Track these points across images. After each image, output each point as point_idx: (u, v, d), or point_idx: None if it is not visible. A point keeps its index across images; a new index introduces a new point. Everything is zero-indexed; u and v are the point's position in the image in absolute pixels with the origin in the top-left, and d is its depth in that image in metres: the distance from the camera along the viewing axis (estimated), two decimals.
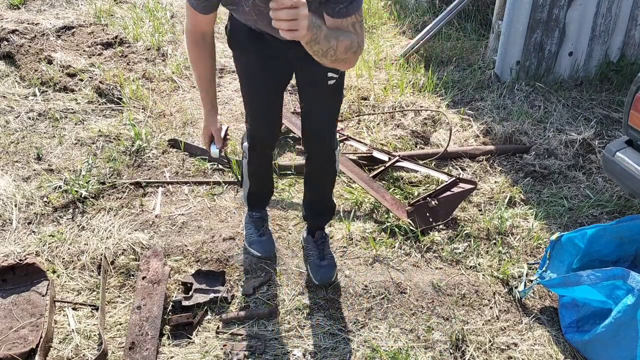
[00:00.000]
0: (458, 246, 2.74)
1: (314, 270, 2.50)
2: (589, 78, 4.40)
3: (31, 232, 2.69)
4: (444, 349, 2.22)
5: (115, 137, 3.43)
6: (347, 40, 1.75)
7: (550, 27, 4.17)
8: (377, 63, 4.64)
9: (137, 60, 4.39)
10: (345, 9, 1.73)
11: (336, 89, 2.21)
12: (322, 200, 2.59)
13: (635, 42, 4.44)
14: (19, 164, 3.16)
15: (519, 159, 3.46)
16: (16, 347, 2.06)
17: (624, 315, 2.00)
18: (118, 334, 2.21)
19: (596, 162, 3.41)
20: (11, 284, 2.30)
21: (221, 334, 2.22)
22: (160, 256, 2.48)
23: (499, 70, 4.27)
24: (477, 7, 5.23)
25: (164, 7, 5.46)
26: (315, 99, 2.26)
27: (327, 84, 2.14)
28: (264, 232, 2.64)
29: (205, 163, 3.24)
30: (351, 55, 1.77)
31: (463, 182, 3.01)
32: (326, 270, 2.49)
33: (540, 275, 2.41)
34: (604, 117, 3.93)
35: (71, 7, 5.34)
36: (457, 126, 3.78)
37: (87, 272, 2.48)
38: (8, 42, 4.32)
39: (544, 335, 2.31)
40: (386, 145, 3.51)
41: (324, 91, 2.19)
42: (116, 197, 2.96)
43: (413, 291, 2.48)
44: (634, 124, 2.51)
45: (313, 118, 2.32)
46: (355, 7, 1.74)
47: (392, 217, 2.85)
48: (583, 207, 3.05)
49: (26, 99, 3.77)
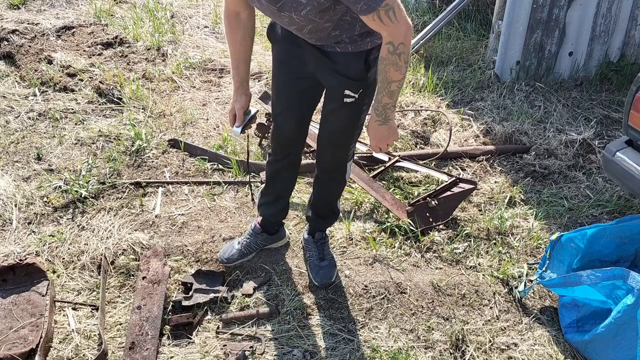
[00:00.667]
0: (458, 246, 2.74)
1: (313, 270, 2.49)
2: (589, 78, 4.40)
3: (31, 232, 2.69)
4: (444, 349, 2.22)
5: (115, 137, 3.43)
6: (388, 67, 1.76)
7: (551, 27, 4.17)
8: None
9: (137, 60, 4.39)
10: (367, 6, 1.65)
11: (355, 109, 2.10)
12: (328, 205, 2.54)
13: (635, 42, 4.44)
14: (19, 164, 3.16)
15: (519, 159, 3.46)
16: (16, 347, 2.06)
17: (624, 315, 2.00)
18: (118, 334, 2.21)
19: (596, 162, 3.41)
20: (11, 284, 2.30)
21: (221, 334, 2.22)
22: (160, 256, 2.48)
23: (499, 70, 4.27)
24: (477, 7, 5.23)
25: (164, 7, 5.46)
26: (331, 110, 2.17)
27: (343, 100, 2.06)
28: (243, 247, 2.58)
29: (205, 163, 3.24)
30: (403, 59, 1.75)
31: (463, 182, 3.01)
32: (326, 270, 2.48)
33: (540, 275, 2.41)
34: (604, 117, 3.93)
35: (71, 7, 5.34)
36: (457, 126, 3.78)
37: (87, 272, 2.48)
38: (8, 42, 4.32)
39: (544, 335, 2.31)
40: None
41: (340, 106, 2.09)
42: (116, 197, 2.96)
43: (413, 291, 2.48)
44: (634, 124, 2.51)
45: (326, 127, 2.24)
46: (375, 1, 1.65)
47: (392, 217, 2.85)
48: (583, 207, 3.05)
49: (26, 99, 3.77)
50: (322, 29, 1.87)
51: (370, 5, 1.64)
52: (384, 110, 1.91)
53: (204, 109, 3.85)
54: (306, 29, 1.87)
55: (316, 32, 1.89)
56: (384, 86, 1.83)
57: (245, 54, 2.17)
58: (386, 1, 1.64)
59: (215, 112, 3.81)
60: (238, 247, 2.56)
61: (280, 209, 2.56)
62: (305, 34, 1.92)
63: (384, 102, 1.88)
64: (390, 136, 2.01)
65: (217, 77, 4.30)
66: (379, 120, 1.94)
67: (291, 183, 2.54)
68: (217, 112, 3.81)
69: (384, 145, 2.04)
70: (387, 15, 1.67)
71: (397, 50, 1.73)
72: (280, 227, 2.64)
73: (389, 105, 1.90)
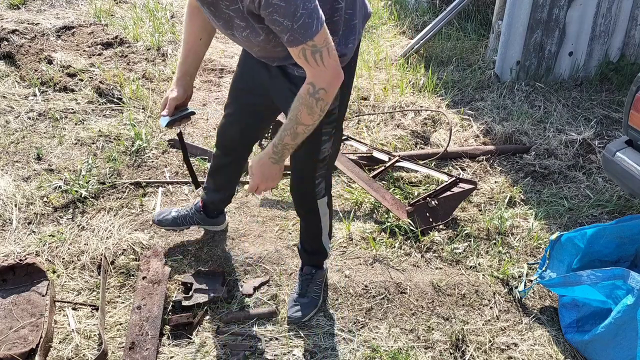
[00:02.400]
0: (458, 246, 2.74)
1: (289, 304, 2.33)
2: (589, 78, 4.40)
3: (31, 232, 2.69)
4: (444, 349, 2.22)
5: (115, 137, 3.43)
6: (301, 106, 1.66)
7: (551, 27, 4.17)
8: (377, 63, 4.64)
9: (137, 60, 4.39)
10: (293, 38, 1.56)
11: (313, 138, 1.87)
12: (312, 241, 2.35)
13: (635, 42, 4.44)
14: (19, 164, 3.16)
15: (519, 159, 3.46)
16: (16, 347, 2.06)
17: (624, 315, 2.00)
18: (118, 334, 2.21)
19: (596, 162, 3.41)
20: (11, 284, 2.30)
21: (221, 334, 2.22)
22: (160, 256, 2.48)
23: (499, 70, 4.27)
24: (477, 7, 5.23)
25: (164, 7, 5.46)
26: None
27: None
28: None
29: (205, 163, 3.24)
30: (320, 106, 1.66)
31: (463, 182, 3.01)
32: (301, 307, 2.29)
33: (540, 275, 2.41)
34: (604, 117, 3.93)
35: (71, 7, 5.34)
36: (457, 126, 3.78)
37: (87, 272, 2.48)
38: (8, 42, 4.32)
39: (544, 335, 2.31)
40: (386, 145, 3.51)
41: None
42: (116, 197, 2.96)
43: (413, 291, 2.48)
44: (634, 124, 2.51)
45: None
46: (303, 34, 1.55)
47: (392, 217, 2.85)
48: (583, 207, 3.05)
49: (26, 99, 3.77)
50: (270, 50, 1.77)
51: (297, 38, 1.56)
52: (282, 149, 1.79)
53: (204, 109, 3.85)
54: (253, 50, 1.82)
55: (265, 53, 1.82)
56: (291, 125, 1.72)
57: (197, 46, 2.05)
58: (314, 42, 1.57)
59: (215, 112, 3.81)
60: (175, 214, 2.60)
61: (219, 199, 2.57)
62: (257, 53, 1.86)
63: (285, 141, 1.76)
64: (277, 178, 1.90)
65: (217, 77, 4.31)
66: (274, 158, 1.82)
67: (232, 180, 2.54)
68: (217, 112, 3.81)
69: (266, 185, 1.91)
70: (313, 56, 1.60)
71: (316, 94, 1.65)
72: (220, 214, 2.66)
73: (289, 147, 1.78)
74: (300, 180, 2.16)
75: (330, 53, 1.61)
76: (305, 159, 2.05)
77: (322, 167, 2.09)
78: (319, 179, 2.11)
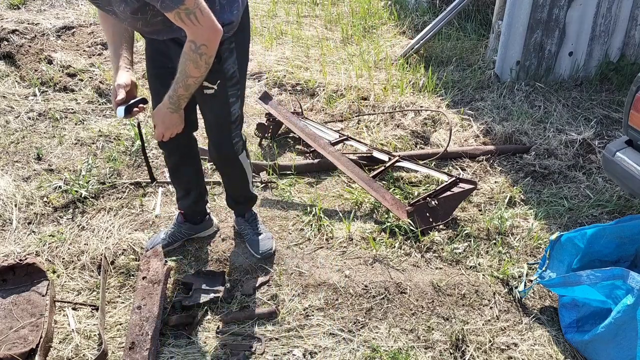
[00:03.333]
0: (458, 246, 2.74)
1: (253, 245, 2.59)
2: (589, 78, 4.40)
3: (31, 232, 2.69)
4: (444, 349, 2.22)
5: (115, 137, 3.43)
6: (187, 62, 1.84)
7: (550, 27, 4.17)
8: (377, 63, 4.64)
9: (137, 60, 4.38)
10: (166, 4, 1.72)
11: (220, 101, 2.19)
12: (239, 193, 2.61)
13: (635, 42, 4.44)
14: (19, 164, 3.16)
15: (519, 159, 3.46)
16: (16, 347, 2.06)
17: (624, 315, 2.00)
18: (118, 334, 2.21)
19: (596, 162, 3.41)
20: (11, 284, 2.30)
21: (221, 334, 2.22)
22: (160, 256, 2.48)
23: (499, 70, 4.27)
24: (477, 7, 5.23)
25: None
26: (201, 104, 2.27)
27: (204, 92, 2.14)
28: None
29: (205, 163, 3.24)
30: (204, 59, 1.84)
31: (463, 182, 3.01)
32: (265, 242, 2.59)
33: (540, 275, 2.41)
34: (604, 117, 3.93)
35: (71, 7, 5.34)
36: (457, 126, 3.78)
37: (87, 272, 2.48)
38: (8, 42, 4.32)
39: (544, 335, 2.31)
40: (386, 145, 3.51)
41: (203, 99, 2.19)
42: (116, 197, 2.96)
43: (413, 291, 2.48)
44: (634, 124, 2.51)
45: (205, 123, 2.34)
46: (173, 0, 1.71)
47: (392, 217, 2.85)
48: (583, 207, 3.05)
49: (26, 99, 3.77)
50: (152, 23, 1.89)
51: (169, 5, 1.72)
52: (178, 99, 1.99)
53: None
54: (138, 27, 1.92)
55: (149, 27, 1.92)
56: (182, 78, 1.91)
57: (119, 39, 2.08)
58: (186, 5, 1.72)
59: None
60: (163, 236, 2.61)
61: (193, 202, 2.60)
62: (143, 30, 1.96)
63: (179, 92, 1.96)
64: (179, 125, 2.10)
65: None
66: (172, 107, 2.01)
67: (194, 176, 2.56)
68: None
69: (169, 132, 2.11)
70: (189, 17, 1.75)
71: (198, 50, 1.82)
72: (204, 217, 2.67)
73: (184, 97, 1.98)
74: (219, 145, 2.35)
75: (203, 12, 1.78)
76: (221, 123, 2.27)
77: (237, 127, 2.32)
78: (235, 139, 2.34)
